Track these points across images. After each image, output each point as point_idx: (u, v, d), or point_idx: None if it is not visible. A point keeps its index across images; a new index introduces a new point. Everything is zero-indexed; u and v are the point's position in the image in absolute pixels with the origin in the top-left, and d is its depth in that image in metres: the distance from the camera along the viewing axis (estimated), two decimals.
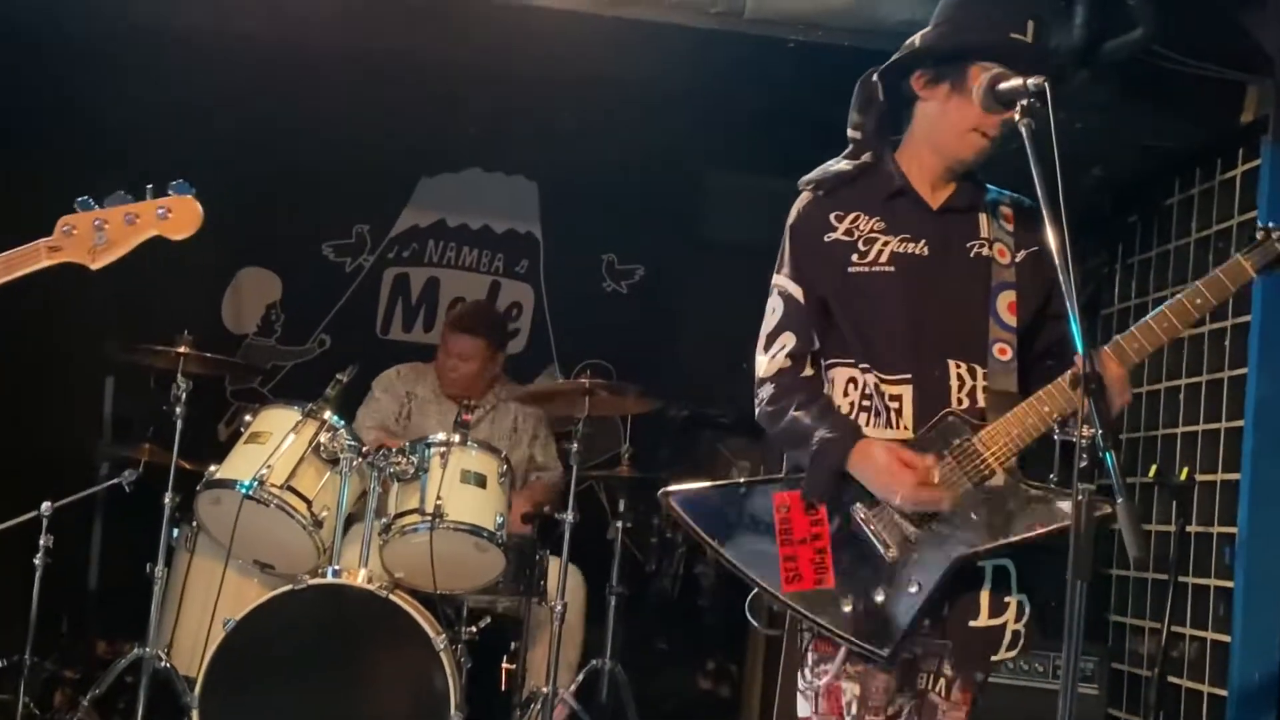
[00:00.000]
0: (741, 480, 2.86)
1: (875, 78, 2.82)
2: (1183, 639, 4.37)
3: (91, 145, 5.70)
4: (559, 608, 4.64)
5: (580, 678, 4.92)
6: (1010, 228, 2.81)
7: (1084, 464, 2.14)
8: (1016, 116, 2.49)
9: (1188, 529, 4.26)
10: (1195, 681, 4.30)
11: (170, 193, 2.76)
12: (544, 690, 4.62)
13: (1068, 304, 2.28)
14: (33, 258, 2.73)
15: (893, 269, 2.73)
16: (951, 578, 2.62)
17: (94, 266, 2.69)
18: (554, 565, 4.74)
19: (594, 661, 4.95)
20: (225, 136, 5.86)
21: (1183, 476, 4.19)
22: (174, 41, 5.10)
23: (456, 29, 4.80)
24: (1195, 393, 4.49)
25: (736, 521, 2.74)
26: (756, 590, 2.72)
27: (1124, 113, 4.44)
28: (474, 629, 4.61)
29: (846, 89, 2.95)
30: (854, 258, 2.75)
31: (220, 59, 5.22)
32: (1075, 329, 2.25)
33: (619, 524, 5.14)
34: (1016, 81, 2.53)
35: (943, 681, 2.71)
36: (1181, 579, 4.32)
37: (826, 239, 2.78)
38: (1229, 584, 4.18)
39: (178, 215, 2.73)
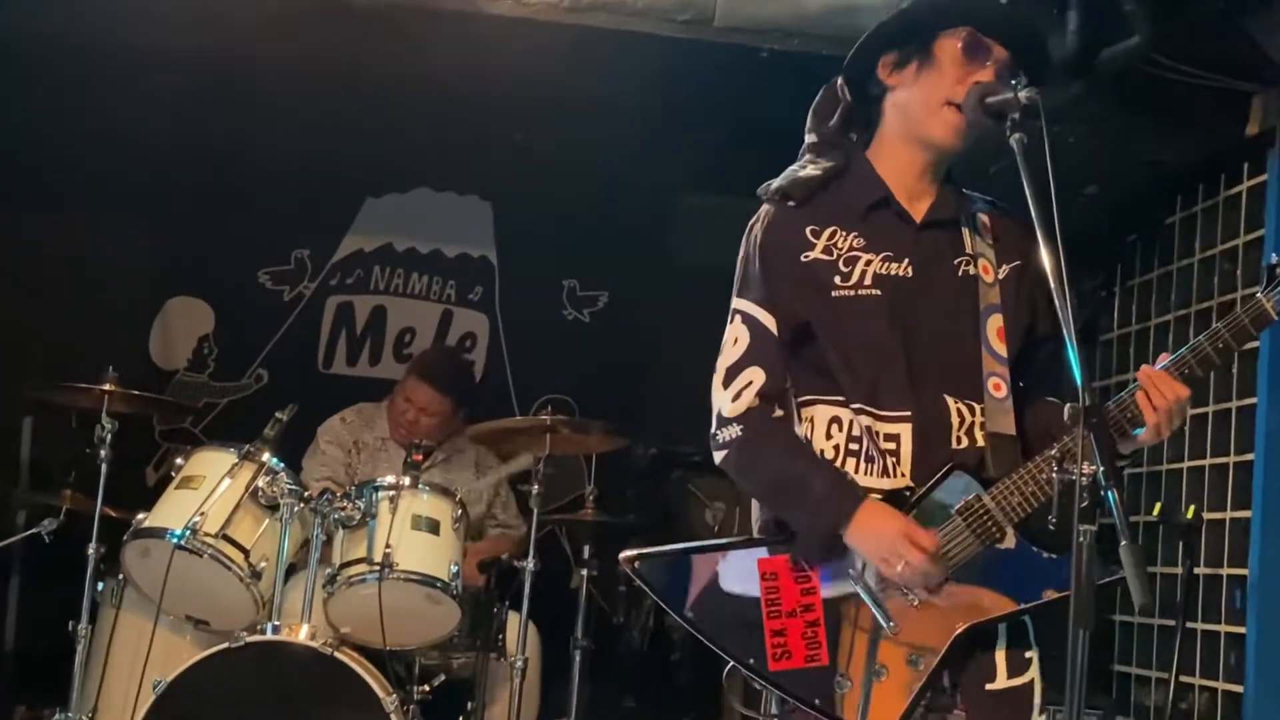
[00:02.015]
0: (718, 542, 2.76)
1: (840, 80, 2.81)
2: (1192, 690, 4.40)
3: (2, 165, 5.68)
4: (519, 664, 4.63)
5: None
6: (991, 240, 2.78)
7: (1085, 504, 2.15)
8: (1008, 131, 2.52)
9: (1195, 571, 4.29)
10: None
11: None
12: None
13: (1065, 332, 2.28)
14: None
15: (879, 292, 2.66)
16: (960, 645, 2.58)
17: None
18: (512, 619, 4.74)
19: None
20: (152, 155, 5.86)
21: (1189, 515, 4.21)
22: (92, 53, 5.10)
23: (404, 39, 4.82)
24: (1201, 424, 4.54)
25: (713, 591, 2.64)
26: (733, 667, 2.62)
27: (1121, 125, 4.50)
28: (427, 688, 4.58)
29: None
30: (836, 280, 2.66)
31: (145, 72, 5.22)
32: (1074, 358, 2.24)
33: (584, 572, 5.14)
34: (1007, 94, 2.55)
35: None
36: (1190, 625, 4.34)
37: (804, 258, 2.68)
38: (1240, 630, 4.21)
39: None
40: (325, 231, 6.56)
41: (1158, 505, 4.53)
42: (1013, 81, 2.56)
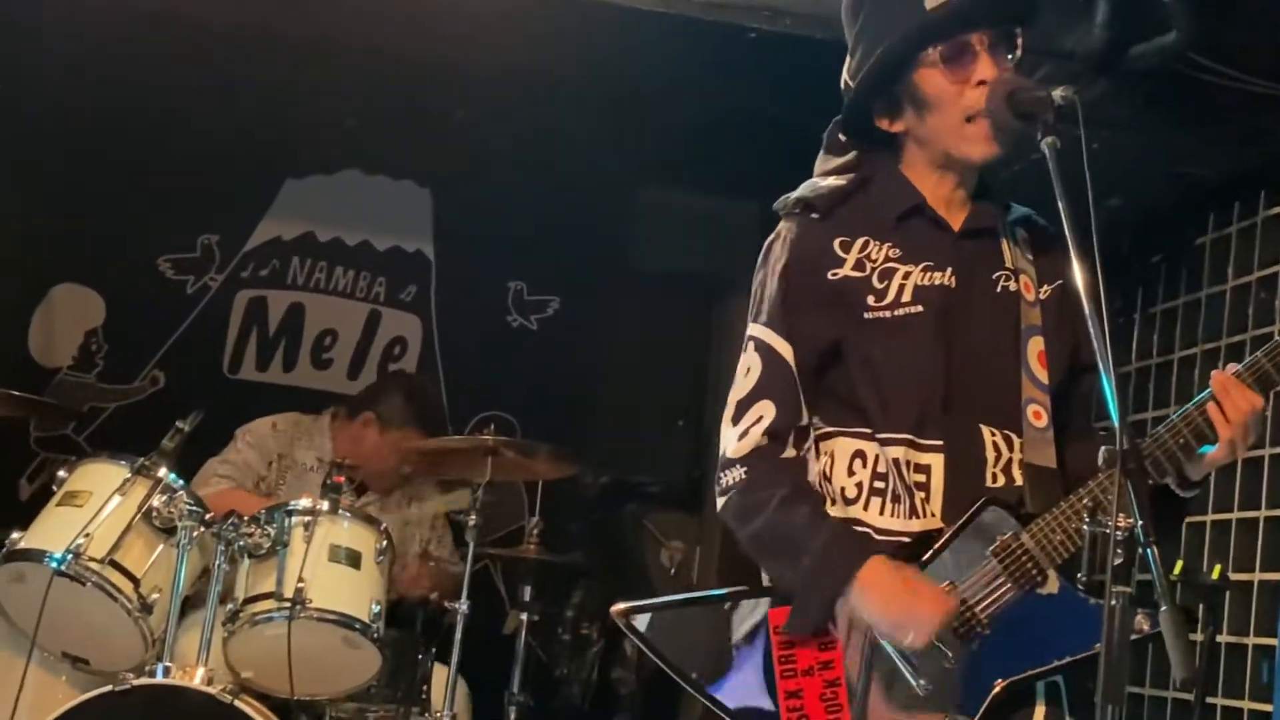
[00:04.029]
0: (722, 593, 2.74)
1: (841, 136, 2.84)
2: None
3: None
4: (446, 719, 4.59)
5: None
6: (1031, 256, 2.81)
7: (1119, 561, 2.14)
8: (1039, 134, 2.52)
9: (1218, 639, 4.31)
10: None
11: None
12: None
13: (1100, 362, 2.28)
14: None
15: (921, 308, 2.67)
16: (997, 707, 2.57)
17: None
18: (438, 669, 4.70)
19: None
20: (36, 120, 5.80)
21: (1214, 575, 4.23)
22: None
23: (335, 1, 4.79)
24: (1229, 474, 4.56)
25: (719, 648, 2.65)
26: None
27: (1151, 132, 4.53)
28: None
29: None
30: (870, 300, 2.68)
31: (28, 23, 5.14)
32: (1109, 391, 2.24)
33: (522, 616, 5.10)
34: (1040, 92, 2.56)
35: None
36: (1210, 700, 4.36)
37: (832, 276, 2.70)
38: (1267, 708, 4.23)
39: None
40: (237, 215, 6.51)
41: (1178, 564, 4.54)
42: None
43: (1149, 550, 2.13)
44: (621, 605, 2.71)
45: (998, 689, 2.57)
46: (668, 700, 5.70)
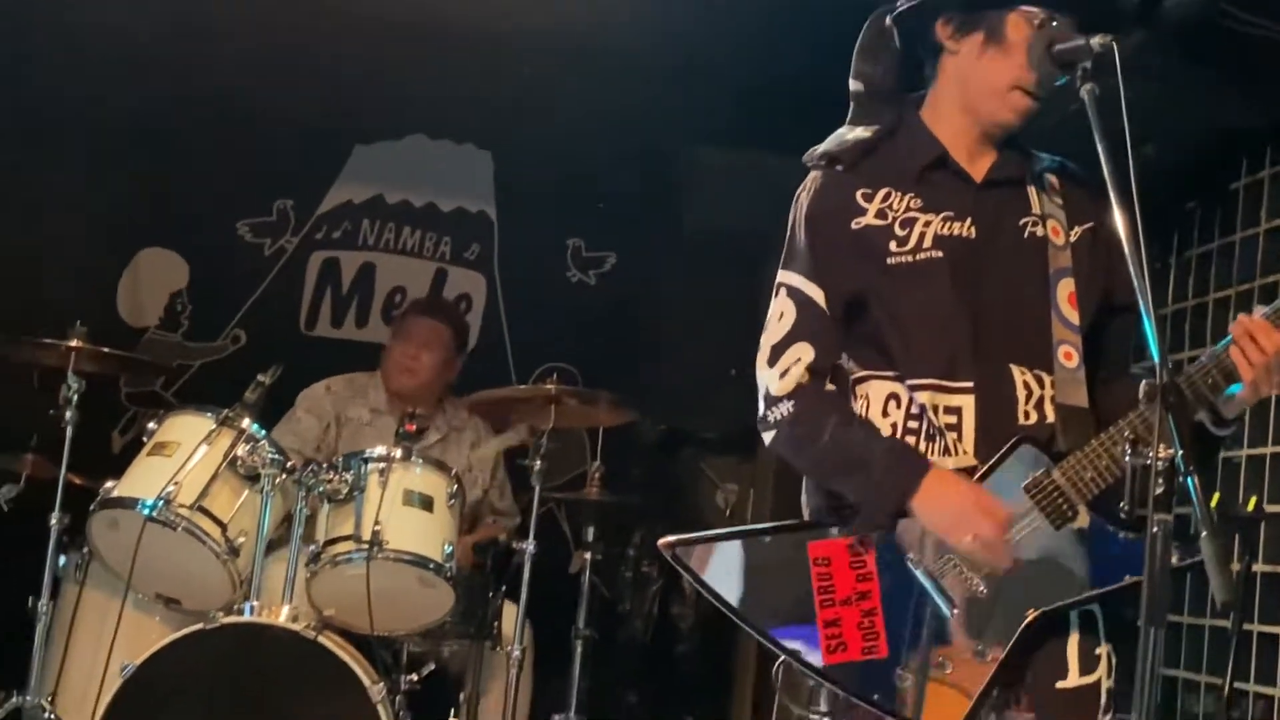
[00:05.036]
0: (764, 527, 2.75)
1: (889, 21, 2.77)
2: (1246, 697, 4.37)
3: None
4: (515, 653, 4.61)
5: None
6: (1060, 200, 2.77)
7: (1160, 491, 2.12)
8: (1077, 81, 2.48)
9: (1254, 569, 4.26)
10: None
11: None
12: None
13: (1140, 302, 2.25)
14: None
15: (940, 254, 2.66)
16: (1030, 636, 2.57)
17: None
18: (508, 606, 4.71)
19: (556, 717, 4.92)
20: (121, 91, 5.80)
21: (1250, 507, 4.19)
22: None
23: None
24: (1263, 409, 4.50)
25: (761, 579, 2.65)
26: (785, 661, 2.63)
27: (1187, 82, 4.45)
28: (415, 677, 4.54)
29: None
30: (892, 245, 2.67)
31: (113, 7, 5.15)
32: (1149, 330, 2.23)
33: (586, 555, 5.11)
34: (1078, 41, 2.52)
35: None
36: (1246, 627, 4.32)
37: (856, 225, 2.69)
38: None
39: None
40: (311, 181, 6.50)
41: (1215, 496, 4.51)
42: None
43: (1189, 480, 2.11)
44: (669, 539, 2.71)
45: (1030, 618, 2.56)
46: (725, 632, 5.70)
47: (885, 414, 2.68)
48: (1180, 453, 2.11)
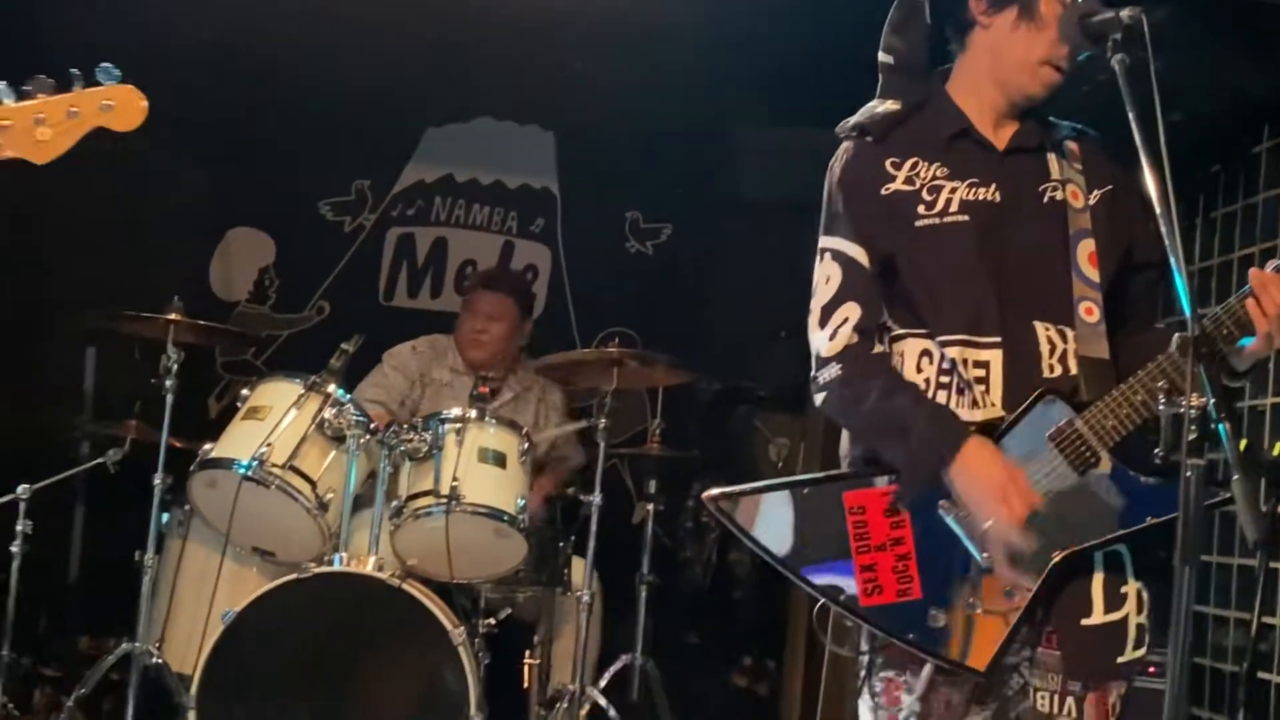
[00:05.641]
0: (802, 479, 2.71)
1: None
2: (1273, 630, 4.34)
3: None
4: (585, 598, 4.63)
5: (609, 675, 4.91)
6: (1079, 165, 2.73)
7: (1193, 436, 2.10)
8: (1108, 52, 2.45)
9: (1278, 509, 4.22)
10: None
11: (101, 81, 2.64)
12: (571, 688, 4.61)
13: (1172, 258, 2.23)
14: None
15: (966, 218, 2.63)
16: (1056, 576, 2.55)
17: (41, 161, 2.59)
18: (576, 555, 4.75)
19: (624, 657, 4.94)
20: (208, 81, 5.82)
21: (1276, 452, 4.15)
22: None
23: None
24: None
25: (800, 528, 2.62)
26: (824, 604, 2.62)
27: (1210, 50, 4.37)
28: (493, 621, 4.59)
29: None
30: (920, 209, 2.64)
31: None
32: (1180, 285, 2.21)
33: (649, 507, 5.13)
34: (1108, 14, 2.49)
35: (1059, 698, 2.59)
36: (1273, 565, 4.28)
37: (885, 191, 2.66)
38: None
39: (122, 107, 2.64)
40: (386, 162, 6.53)
41: (1242, 441, 4.45)
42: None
43: (1220, 426, 2.09)
44: (713, 491, 2.69)
45: (1056, 559, 2.54)
46: (779, 578, 5.69)
47: (919, 370, 2.65)
48: (1213, 401, 2.09)
